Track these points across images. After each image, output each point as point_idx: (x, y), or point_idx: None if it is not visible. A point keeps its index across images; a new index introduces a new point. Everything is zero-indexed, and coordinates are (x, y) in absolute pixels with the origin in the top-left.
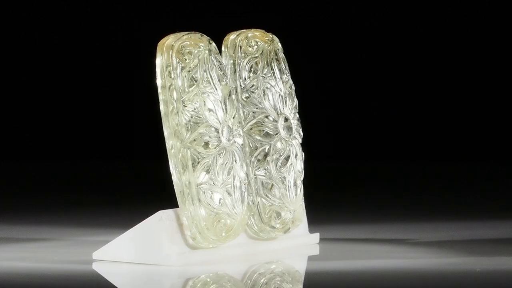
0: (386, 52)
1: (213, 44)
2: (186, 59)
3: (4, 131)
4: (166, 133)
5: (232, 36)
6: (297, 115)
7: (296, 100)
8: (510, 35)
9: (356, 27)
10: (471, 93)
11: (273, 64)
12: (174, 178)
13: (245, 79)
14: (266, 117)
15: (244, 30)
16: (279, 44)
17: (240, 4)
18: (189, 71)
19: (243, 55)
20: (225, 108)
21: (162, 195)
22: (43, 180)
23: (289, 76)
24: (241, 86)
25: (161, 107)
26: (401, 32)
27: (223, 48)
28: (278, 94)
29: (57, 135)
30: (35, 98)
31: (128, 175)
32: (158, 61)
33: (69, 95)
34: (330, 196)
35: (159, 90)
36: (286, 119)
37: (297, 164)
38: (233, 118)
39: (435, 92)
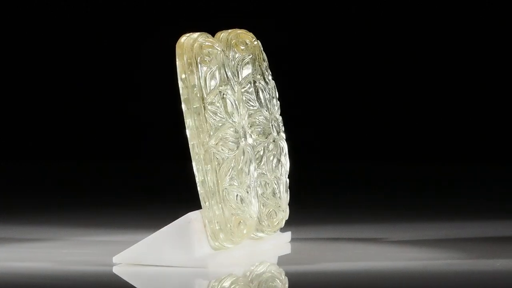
0: (379, 51)
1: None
2: (206, 60)
3: (3, 131)
4: (188, 133)
5: (223, 34)
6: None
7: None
8: (510, 35)
9: (351, 24)
10: (456, 92)
11: (261, 64)
12: (199, 179)
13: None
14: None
15: (231, 29)
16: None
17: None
18: (210, 71)
19: (236, 55)
20: (240, 108)
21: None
22: (42, 181)
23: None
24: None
25: (184, 107)
26: (399, 32)
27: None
28: (269, 94)
29: (59, 136)
30: (35, 98)
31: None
32: (180, 61)
33: (68, 95)
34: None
35: (181, 91)
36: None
37: (286, 163)
38: (245, 118)
39: (419, 92)
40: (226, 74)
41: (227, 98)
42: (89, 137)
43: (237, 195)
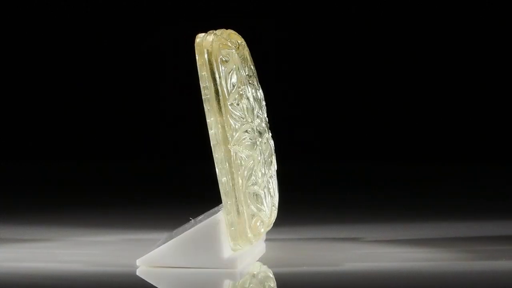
0: (379, 51)
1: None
2: (225, 60)
3: (3, 131)
4: (211, 133)
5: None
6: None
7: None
8: (510, 35)
9: (351, 24)
10: (456, 92)
11: (251, 64)
12: (220, 178)
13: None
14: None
15: (220, 30)
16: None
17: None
18: (229, 71)
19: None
20: (256, 109)
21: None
22: (42, 181)
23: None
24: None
25: (205, 108)
26: (399, 32)
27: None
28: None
29: (59, 136)
30: (35, 98)
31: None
32: (200, 61)
33: (68, 95)
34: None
35: (203, 91)
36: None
37: (275, 162)
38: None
39: (419, 92)
40: (243, 74)
41: (245, 98)
42: (89, 137)
43: (256, 195)
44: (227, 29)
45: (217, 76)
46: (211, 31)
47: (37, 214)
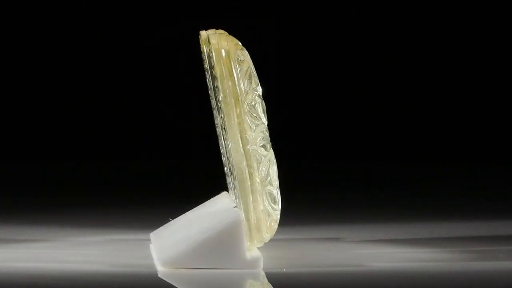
0: (379, 51)
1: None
2: (242, 60)
3: (3, 131)
4: (229, 134)
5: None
6: None
7: None
8: (510, 35)
9: (351, 24)
10: (456, 92)
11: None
12: (239, 178)
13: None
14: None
15: (212, 29)
16: None
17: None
18: (245, 71)
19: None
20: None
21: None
22: (42, 181)
23: None
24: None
25: (223, 108)
26: (400, 32)
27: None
28: None
29: (59, 136)
30: (35, 98)
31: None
32: (218, 62)
33: (68, 95)
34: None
35: (221, 93)
36: None
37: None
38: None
39: (419, 92)
40: (255, 74)
41: (258, 98)
42: (89, 137)
43: (271, 195)
44: (217, 29)
45: (235, 76)
46: (211, 30)
47: (37, 214)
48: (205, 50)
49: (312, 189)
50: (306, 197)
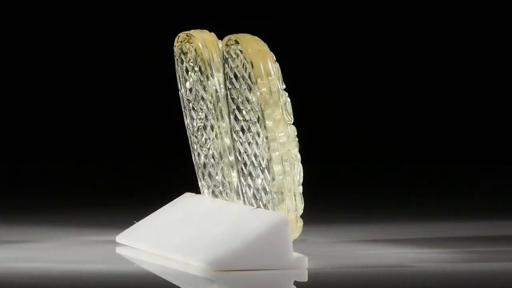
0: (380, 51)
1: None
2: (275, 60)
3: (3, 131)
4: (268, 134)
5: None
6: None
7: None
8: (510, 35)
9: (351, 24)
10: (457, 92)
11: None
12: (278, 178)
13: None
14: None
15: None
16: None
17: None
18: (278, 71)
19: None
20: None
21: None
22: (42, 181)
23: None
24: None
25: (263, 109)
26: (399, 32)
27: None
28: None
29: (59, 136)
30: (35, 98)
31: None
32: (256, 66)
33: (68, 95)
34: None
35: (260, 95)
36: None
37: None
38: None
39: (420, 92)
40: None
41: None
42: (89, 137)
43: (300, 194)
44: (202, 29)
45: (273, 76)
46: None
47: (37, 214)
48: (205, 51)
49: (312, 189)
50: (306, 197)
